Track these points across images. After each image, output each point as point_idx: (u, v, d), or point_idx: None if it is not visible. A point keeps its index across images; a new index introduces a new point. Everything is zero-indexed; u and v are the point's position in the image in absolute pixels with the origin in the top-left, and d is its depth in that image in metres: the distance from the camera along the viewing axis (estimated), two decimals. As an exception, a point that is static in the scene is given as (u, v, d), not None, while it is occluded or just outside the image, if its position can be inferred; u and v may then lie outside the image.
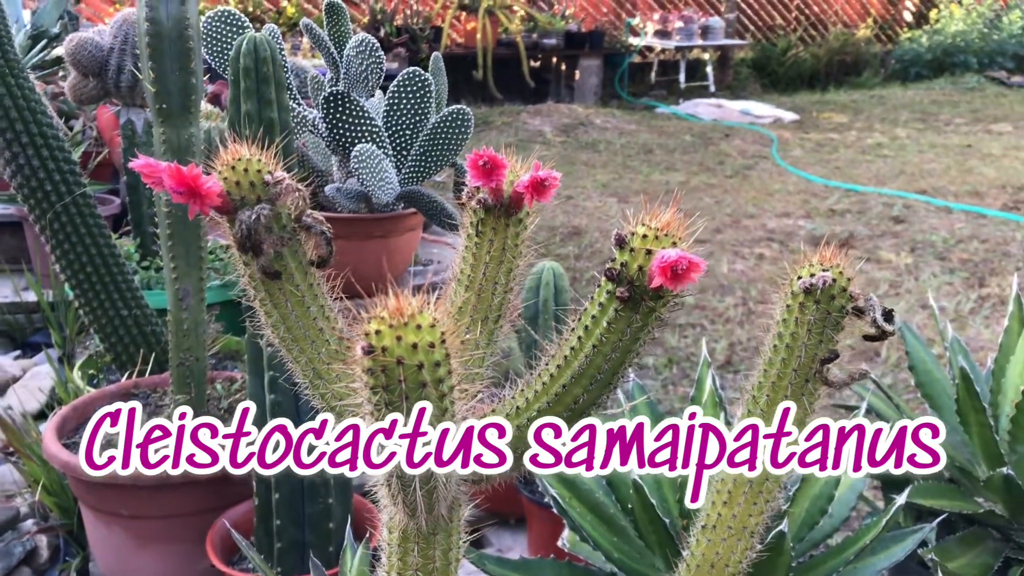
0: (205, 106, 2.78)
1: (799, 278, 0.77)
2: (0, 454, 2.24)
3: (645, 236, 0.68)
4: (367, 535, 1.32)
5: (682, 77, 9.52)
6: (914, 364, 1.44)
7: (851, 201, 5.32)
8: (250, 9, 7.38)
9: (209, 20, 1.83)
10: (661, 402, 2.99)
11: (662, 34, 9.54)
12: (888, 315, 0.75)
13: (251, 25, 1.80)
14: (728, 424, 0.89)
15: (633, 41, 9.62)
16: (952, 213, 5.00)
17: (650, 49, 9.81)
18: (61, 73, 3.38)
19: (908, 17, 11.58)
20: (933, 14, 11.19)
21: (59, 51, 3.28)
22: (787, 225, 4.87)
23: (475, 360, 0.80)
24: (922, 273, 4.08)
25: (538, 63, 9.21)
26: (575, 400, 0.74)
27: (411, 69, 1.97)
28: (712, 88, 9.49)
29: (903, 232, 4.67)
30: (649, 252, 0.67)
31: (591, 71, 9.09)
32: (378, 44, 1.92)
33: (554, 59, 9.23)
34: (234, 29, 1.85)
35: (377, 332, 0.59)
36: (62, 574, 1.89)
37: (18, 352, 2.87)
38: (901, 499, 1.05)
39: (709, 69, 9.60)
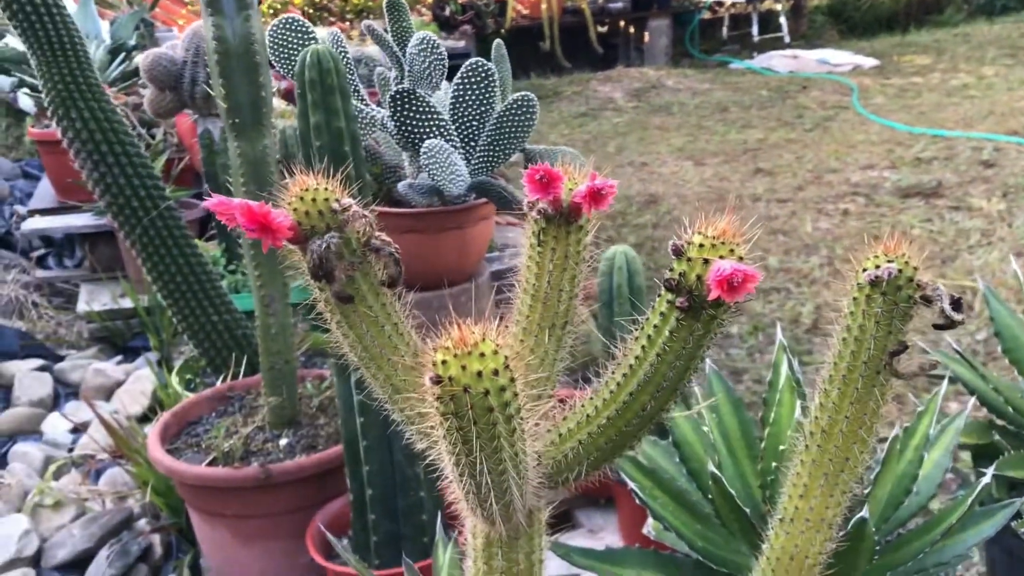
0: (279, 103, 2.85)
1: (864, 270, 0.77)
2: (109, 457, 2.35)
3: (701, 245, 0.69)
4: (456, 532, 1.36)
5: (755, 30, 9.30)
6: (999, 330, 1.40)
7: (938, 147, 5.14)
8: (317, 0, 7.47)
9: (274, 29, 1.87)
10: (747, 371, 2.97)
11: (731, -13, 9.33)
12: (956, 303, 0.75)
13: (315, 32, 1.84)
14: (804, 411, 0.89)
15: (701, -3, 9.43)
16: (1046, 153, 4.80)
17: (720, 3, 9.60)
18: (140, 83, 3.49)
19: (991, -53, 11.05)
20: (1019, -59, 10.66)
21: (138, 61, 3.39)
22: (871, 177, 4.74)
23: (544, 369, 0.82)
24: (1016, 219, 3.94)
25: (605, 28, 9.11)
26: (643, 407, 0.75)
27: (474, 60, 1.99)
28: (787, 39, 9.25)
29: (994, 177, 4.50)
30: (706, 261, 0.68)
31: (660, 32, 8.95)
32: (438, 40, 1.94)
33: (621, 23, 9.11)
34: (299, 35, 1.88)
35: (443, 362, 0.61)
36: (176, 571, 1.99)
37: (120, 357, 3.00)
38: (988, 476, 1.04)
39: (782, 19, 9.35)
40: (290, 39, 1.92)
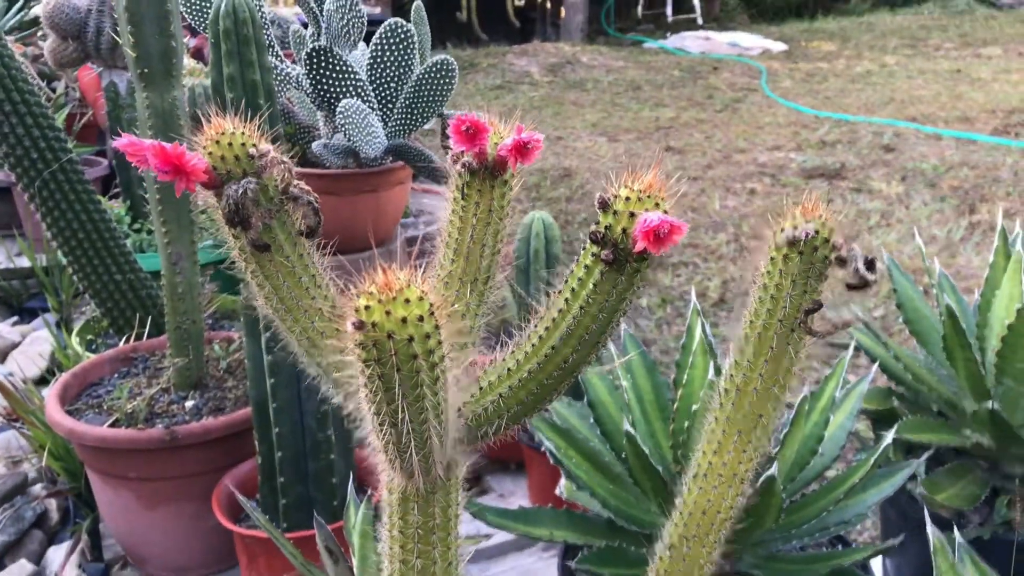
0: (188, 62, 2.75)
1: (782, 230, 0.78)
2: (3, 420, 2.26)
3: (628, 199, 0.69)
4: (369, 491, 1.35)
5: (669, 10, 9.41)
6: (902, 302, 1.46)
7: (841, 131, 5.30)
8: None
9: (186, -22, 1.81)
10: (656, 341, 3.02)
11: (647, -33, 9.41)
12: (870, 264, 0.77)
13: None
14: (718, 371, 0.91)
15: (618, -25, 9.48)
16: (942, 140, 4.99)
17: (636, -18, 9.67)
18: (40, 34, 3.34)
19: (896, -61, 11.39)
20: (921, -65, 11.02)
21: (37, 11, 3.23)
22: (778, 158, 4.86)
23: (468, 315, 0.81)
24: (913, 202, 4.09)
25: (523, 2, 9.09)
26: (565, 360, 0.75)
27: (393, 20, 1.95)
28: (700, 21, 9.38)
29: (893, 161, 4.67)
30: (632, 215, 0.68)
31: (577, 8, 8.97)
32: (358, -2, 1.90)
33: (539, -3, 9.10)
34: (212, -13, 1.82)
35: (367, 307, 0.60)
36: (73, 535, 1.93)
37: (15, 318, 2.88)
38: (889, 436, 1.08)
39: (696, 1, 9.48)
40: (202, -9, 1.86)
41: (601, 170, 4.72)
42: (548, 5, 9.12)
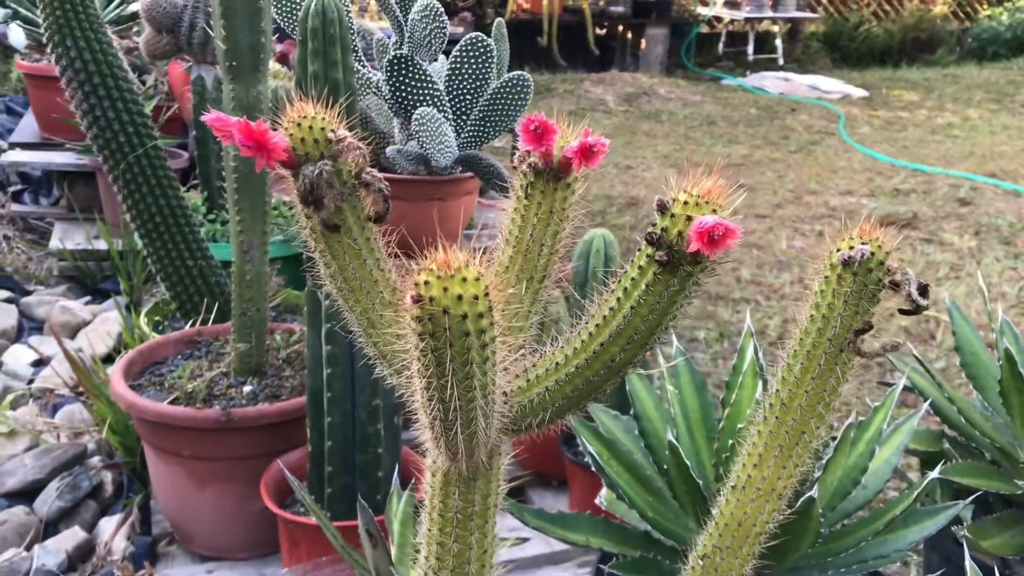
0: (273, 65, 2.84)
1: (838, 250, 0.79)
2: (71, 393, 2.34)
3: (686, 203, 0.71)
4: (413, 483, 1.38)
5: (750, 49, 9.38)
6: (960, 344, 1.44)
7: (917, 181, 5.23)
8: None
9: (279, -20, 1.87)
10: (710, 375, 3.01)
11: (731, 4, 9.40)
12: (923, 289, 0.77)
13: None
14: (765, 390, 0.91)
15: (701, 11, 9.49)
16: (1021, 197, 4.89)
17: (719, 19, 9.67)
18: (136, 29, 3.47)
19: (989, -6, 11.22)
20: (1015, -9, 10.83)
21: (135, 7, 3.37)
22: (849, 203, 4.81)
23: (519, 316, 0.83)
24: (985, 257, 4.01)
25: (604, 31, 9.15)
26: (612, 358, 0.77)
27: (474, 35, 2.00)
28: (781, 61, 9.34)
29: (968, 215, 4.58)
30: (689, 218, 0.70)
31: (657, 40, 9.00)
32: (442, 9, 1.95)
33: (620, 27, 9.15)
34: (303, -10, 1.89)
35: (426, 283, 0.63)
36: (125, 508, 1.99)
37: (88, 298, 2.98)
38: (935, 472, 1.07)
39: (778, 42, 9.44)
40: (294, -7, 1.93)
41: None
42: (629, 36, 9.16)
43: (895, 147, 6.11)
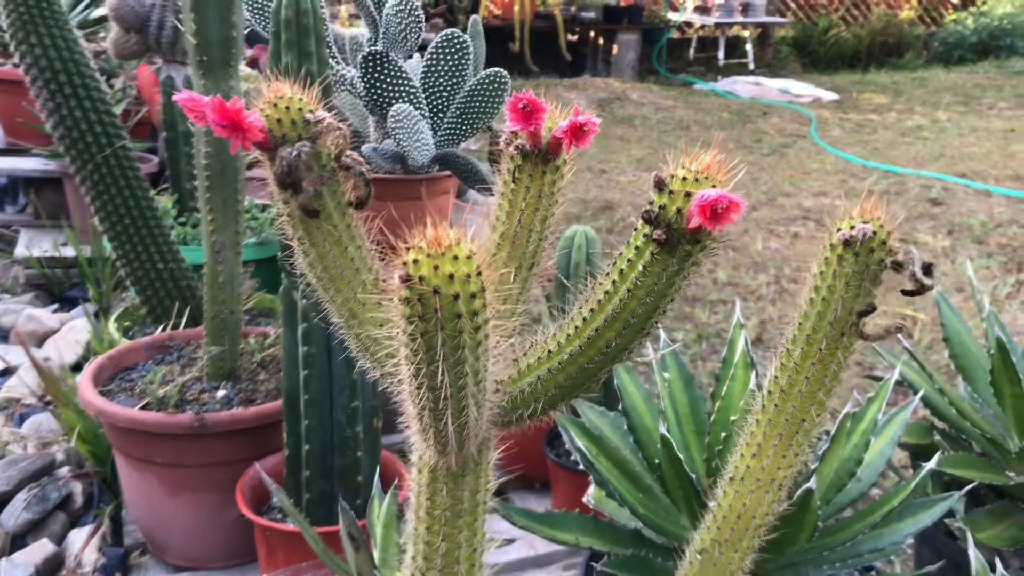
0: (244, 69, 2.79)
1: (838, 230, 0.76)
2: (38, 402, 2.28)
3: (685, 179, 0.68)
4: (396, 484, 1.34)
5: (721, 54, 9.42)
6: (949, 336, 1.42)
7: (889, 182, 5.26)
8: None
9: (250, -24, 1.83)
10: (692, 378, 2.98)
11: (702, 10, 9.45)
12: (927, 269, 0.75)
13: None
14: (759, 386, 0.89)
15: (672, 16, 9.53)
16: (991, 197, 4.92)
17: (689, 25, 9.71)
18: (103, 33, 3.41)
19: (954, -1, 11.37)
20: (980, -4, 10.98)
21: (102, 10, 3.31)
22: (823, 204, 4.82)
23: (510, 300, 0.80)
24: (959, 256, 4.03)
25: (575, 37, 9.16)
26: (607, 344, 0.74)
27: (450, 31, 1.97)
28: (751, 66, 9.39)
29: (941, 215, 4.61)
30: (688, 195, 0.67)
31: (629, 46, 9.01)
32: (417, 3, 1.92)
33: (592, 33, 9.16)
34: (275, -14, 1.85)
35: (415, 261, 0.59)
36: (96, 519, 1.93)
37: (56, 306, 2.91)
38: (931, 463, 1.05)
39: (749, 47, 9.49)
40: (265, -12, 1.89)
41: (643, 204, 4.71)
42: (600, 41, 9.18)
43: (866, 149, 6.15)
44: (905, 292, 0.77)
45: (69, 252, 2.99)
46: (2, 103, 3.42)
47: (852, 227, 0.76)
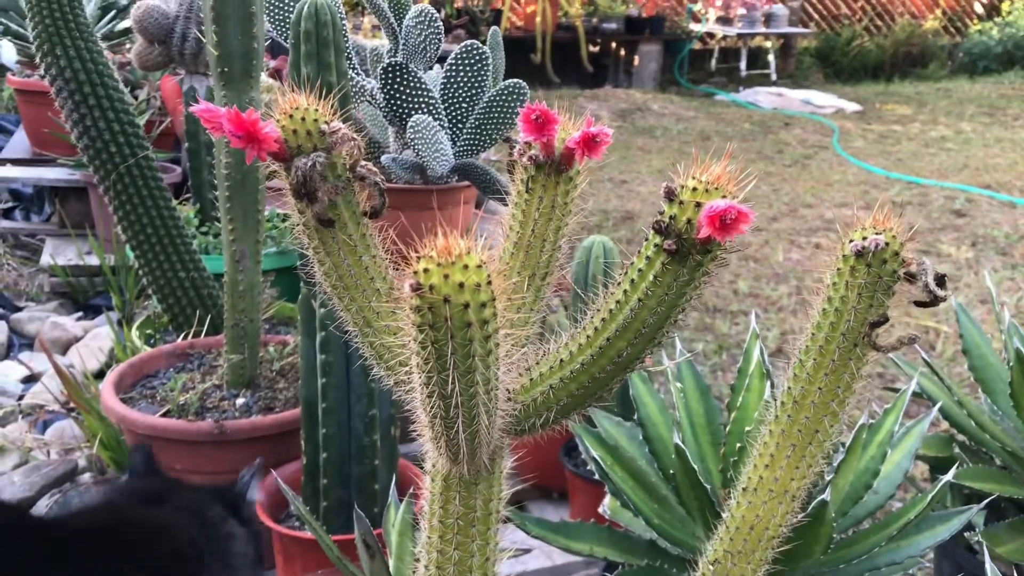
0: (266, 79, 2.82)
1: (851, 241, 0.76)
2: (61, 409, 2.30)
3: (695, 189, 0.68)
4: (411, 492, 1.34)
5: (743, 65, 9.40)
6: (968, 348, 1.41)
7: (912, 193, 5.22)
8: (313, -12, 7.44)
9: (272, -12, 1.85)
10: (710, 387, 2.97)
11: (724, 21, 9.43)
12: (941, 280, 0.75)
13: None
14: (774, 394, 0.89)
15: (694, 27, 9.52)
16: (1016, 208, 4.88)
17: (711, 36, 9.70)
18: (128, 45, 3.45)
19: (979, 9, 11.28)
20: (1005, 6, 10.90)
21: (127, 23, 3.35)
22: (845, 215, 4.79)
23: (523, 309, 0.80)
24: (982, 268, 3.99)
25: (597, 48, 9.17)
26: (619, 354, 0.74)
27: (469, 42, 1.98)
28: (773, 76, 9.36)
29: (964, 226, 4.57)
30: (698, 205, 0.67)
31: (650, 57, 9.01)
32: (437, 15, 1.93)
33: (613, 44, 9.17)
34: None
35: (425, 270, 0.60)
36: (116, 526, 1.94)
37: (80, 314, 2.95)
38: (948, 476, 1.04)
39: (771, 57, 9.46)
40: (287, 1, 1.91)
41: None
42: (622, 52, 9.18)
43: (889, 160, 6.11)
44: (918, 304, 0.76)
45: (93, 261, 3.02)
46: (28, 114, 3.47)
47: (864, 238, 0.76)
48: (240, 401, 1.72)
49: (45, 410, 2.32)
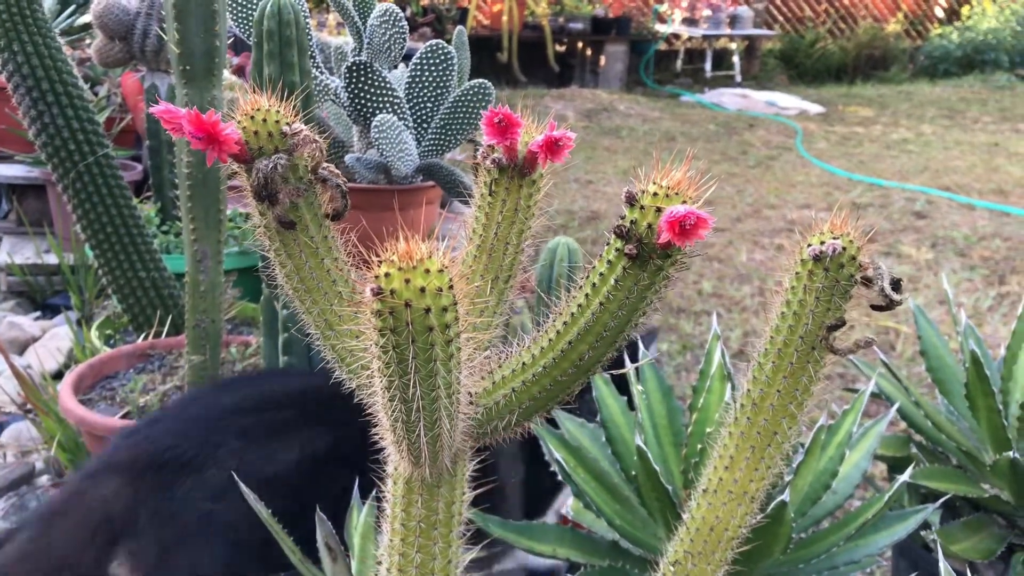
0: (229, 76, 2.79)
1: (809, 245, 0.77)
2: (18, 410, 2.27)
3: (655, 194, 0.69)
4: (374, 494, 1.34)
5: (708, 66, 9.47)
6: (926, 349, 1.44)
7: (874, 195, 5.29)
8: (278, -16, 7.39)
9: (235, -14, 1.83)
10: (673, 388, 2.99)
11: (690, 22, 9.50)
12: (896, 284, 0.76)
13: (277, -8, 1.81)
14: (734, 396, 0.89)
15: (660, 28, 9.57)
16: (975, 210, 4.96)
17: (677, 37, 9.76)
18: (88, 40, 3.40)
19: (939, 13, 11.46)
20: (965, 11, 11.08)
21: (86, 18, 3.30)
22: (808, 216, 4.84)
23: (486, 312, 0.80)
24: (941, 269, 4.05)
25: (563, 47, 9.19)
26: (580, 357, 0.74)
27: (434, 42, 1.98)
28: (738, 78, 9.44)
29: (924, 228, 4.64)
30: (659, 210, 0.68)
31: (616, 57, 9.05)
32: (402, 14, 1.92)
33: (580, 44, 9.20)
34: (260, -4, 1.85)
35: (386, 275, 0.60)
36: (74, 529, 1.92)
37: (38, 313, 2.90)
38: (905, 475, 1.06)
39: (736, 59, 9.54)
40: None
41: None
42: (588, 52, 9.21)
43: (852, 162, 6.19)
44: (875, 307, 0.77)
45: (52, 259, 2.98)
46: (-14, 110, 3.41)
47: (822, 242, 0.77)
48: (201, 402, 1.71)
49: (1, 412, 2.28)
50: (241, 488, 1.09)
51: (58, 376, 2.41)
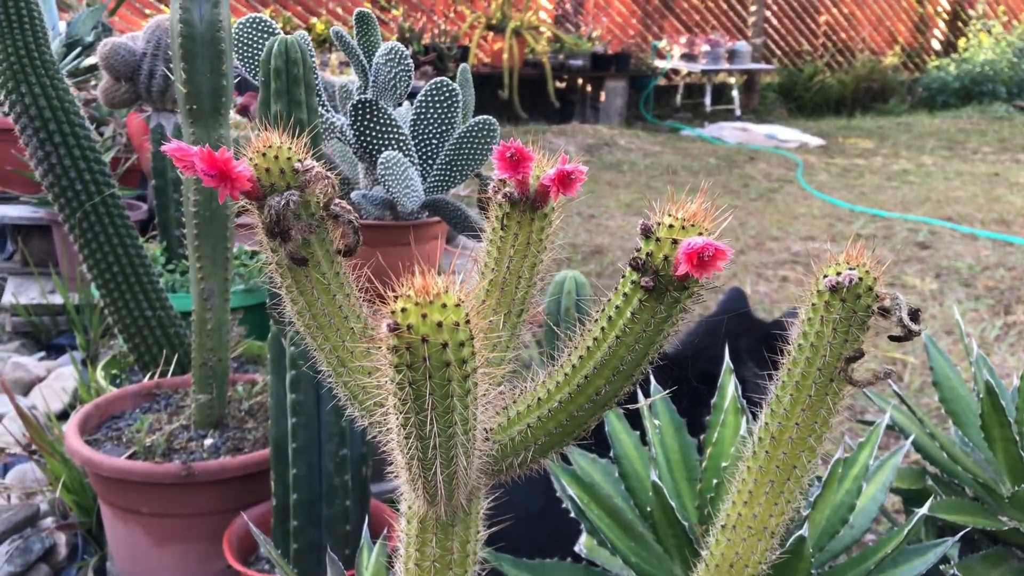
0: (233, 116, 2.81)
1: (825, 276, 0.77)
2: (23, 451, 2.25)
3: (671, 226, 0.68)
4: (385, 533, 1.32)
5: (708, 100, 9.53)
6: (938, 380, 1.42)
7: (876, 226, 5.29)
8: (280, 25, 7.46)
9: (241, 26, 1.85)
10: (683, 423, 2.97)
11: (688, 57, 9.57)
12: (914, 315, 0.75)
13: (281, 33, 1.82)
14: (750, 431, 0.89)
15: (659, 64, 9.64)
16: (978, 240, 4.96)
17: (676, 72, 9.83)
18: (93, 82, 3.42)
19: (936, 46, 11.55)
20: (962, 43, 11.16)
21: (92, 59, 3.33)
22: (811, 248, 4.85)
23: (499, 347, 0.80)
24: (947, 299, 4.04)
25: (564, 84, 9.26)
26: (597, 391, 0.74)
27: (439, 79, 1.98)
28: (738, 112, 9.49)
29: (928, 258, 4.63)
30: (675, 242, 0.67)
31: (616, 92, 9.11)
32: (407, 52, 1.93)
33: (580, 80, 9.27)
34: (265, 36, 1.86)
35: (403, 310, 0.59)
36: (79, 572, 1.90)
37: (43, 353, 2.89)
38: (923, 509, 1.04)
39: (735, 93, 9.60)
40: (256, 39, 1.90)
41: (632, 249, 4.73)
42: (589, 88, 9.27)
43: (853, 193, 6.20)
44: (892, 338, 0.77)
45: (57, 299, 2.98)
46: (-8, 151, 3.43)
47: (838, 273, 0.76)
48: (208, 442, 1.69)
49: (6, 453, 2.27)
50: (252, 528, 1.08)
51: (63, 416, 2.40)
